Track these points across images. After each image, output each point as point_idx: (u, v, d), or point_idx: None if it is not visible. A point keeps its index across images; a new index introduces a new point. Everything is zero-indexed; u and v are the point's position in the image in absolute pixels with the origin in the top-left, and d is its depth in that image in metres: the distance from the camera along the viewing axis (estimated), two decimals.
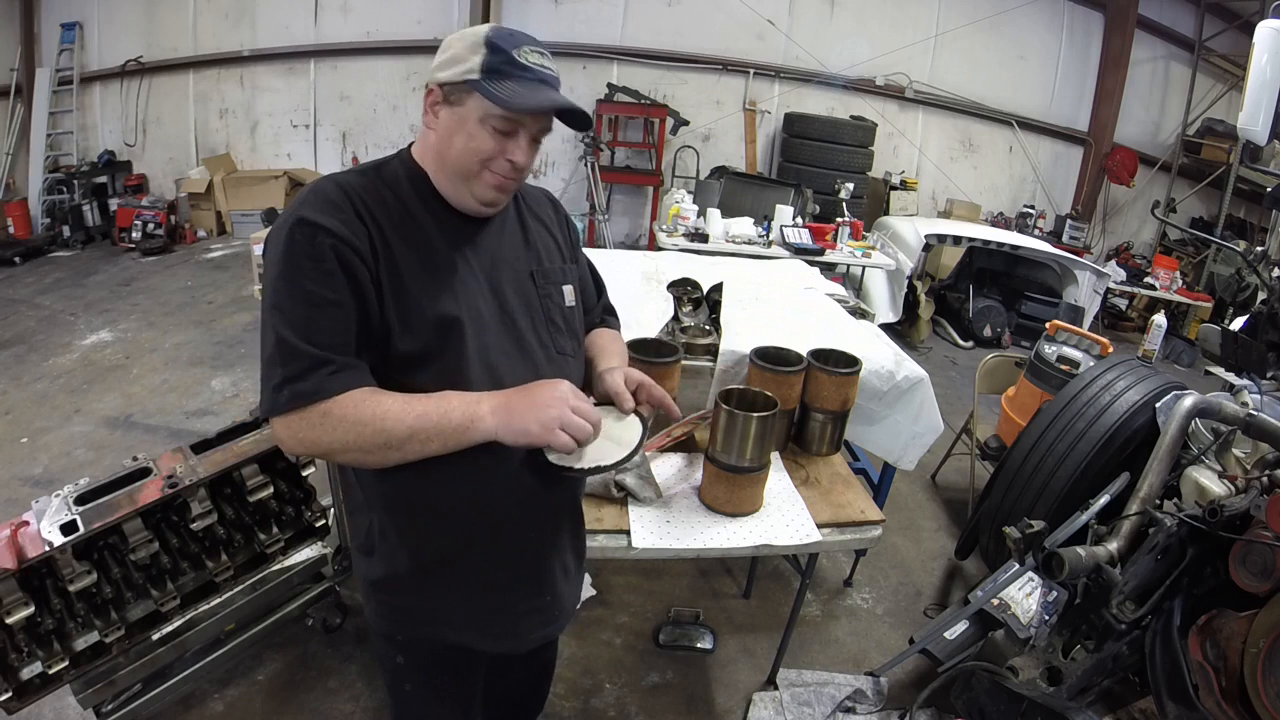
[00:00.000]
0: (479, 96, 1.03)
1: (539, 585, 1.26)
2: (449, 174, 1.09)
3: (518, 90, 1.03)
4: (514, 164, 1.08)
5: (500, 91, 1.02)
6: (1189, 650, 1.65)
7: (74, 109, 7.04)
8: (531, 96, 1.04)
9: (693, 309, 2.72)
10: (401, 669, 1.28)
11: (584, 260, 1.40)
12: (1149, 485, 1.90)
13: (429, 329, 1.06)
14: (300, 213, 1.02)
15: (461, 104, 1.06)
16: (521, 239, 1.23)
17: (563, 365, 1.21)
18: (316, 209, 1.02)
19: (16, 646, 1.67)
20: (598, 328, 1.42)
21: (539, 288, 1.21)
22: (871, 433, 2.52)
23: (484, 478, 1.12)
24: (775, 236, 5.03)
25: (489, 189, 1.09)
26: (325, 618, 2.37)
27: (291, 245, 1.00)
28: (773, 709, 2.22)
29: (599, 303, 1.46)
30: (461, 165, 1.07)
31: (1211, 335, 3.42)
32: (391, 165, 1.14)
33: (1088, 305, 5.75)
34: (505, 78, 1.03)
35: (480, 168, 1.07)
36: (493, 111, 1.03)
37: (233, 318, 5.12)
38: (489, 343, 1.11)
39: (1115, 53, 7.35)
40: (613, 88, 7.03)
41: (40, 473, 3.20)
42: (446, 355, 1.07)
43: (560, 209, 1.37)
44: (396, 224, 1.07)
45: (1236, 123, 2.81)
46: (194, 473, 1.90)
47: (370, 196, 1.06)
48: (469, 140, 1.05)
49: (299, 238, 1.00)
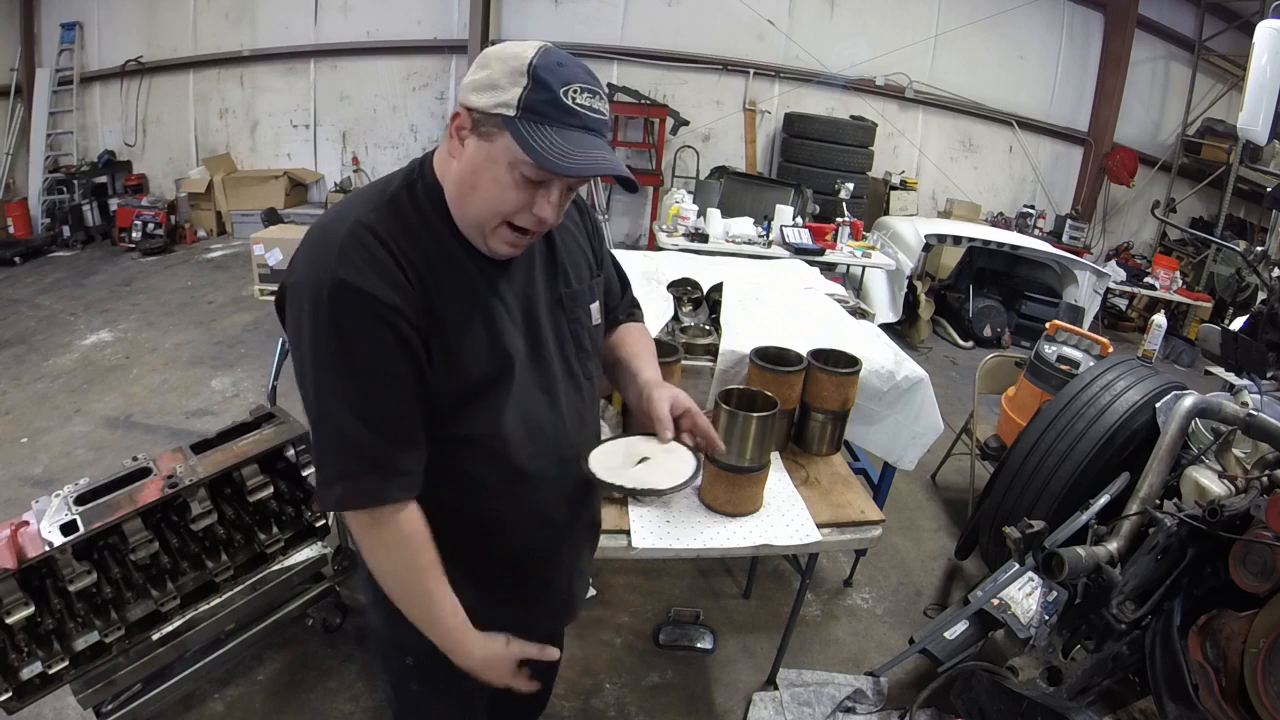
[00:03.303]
0: (511, 138, 0.90)
1: (558, 592, 1.27)
2: (466, 217, 0.98)
3: (558, 142, 0.89)
4: (541, 219, 0.96)
5: (537, 140, 0.89)
6: (1189, 650, 1.65)
7: (74, 109, 7.04)
8: (574, 153, 0.90)
9: (693, 309, 2.72)
10: (410, 670, 1.26)
11: (608, 258, 1.32)
12: (1149, 485, 1.90)
13: (474, 386, 1.01)
14: (340, 274, 0.89)
15: (491, 140, 0.92)
16: (549, 259, 1.13)
17: (590, 391, 1.19)
18: (357, 269, 0.90)
19: (16, 646, 1.67)
20: (624, 323, 1.35)
21: (567, 312, 1.14)
22: (871, 433, 2.51)
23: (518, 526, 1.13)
24: (775, 236, 5.03)
25: (504, 244, 0.99)
26: (325, 618, 2.37)
27: (336, 314, 0.90)
28: (773, 709, 2.22)
29: (624, 298, 1.38)
30: (480, 216, 0.97)
31: (1211, 335, 3.41)
32: (417, 190, 1.00)
33: (1088, 305, 5.75)
34: (546, 122, 0.90)
35: (500, 222, 0.96)
36: (525, 159, 0.90)
37: (233, 318, 5.12)
38: (524, 382, 1.06)
39: (1115, 53, 7.35)
40: (613, 88, 7.02)
41: (40, 473, 3.20)
42: (485, 406, 1.03)
43: (585, 207, 1.26)
44: (437, 272, 0.97)
45: (1236, 123, 2.81)
46: (194, 473, 1.90)
47: (408, 243, 0.95)
48: (495, 186, 0.93)
49: (343, 306, 0.90)
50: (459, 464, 1.06)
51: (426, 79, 7.44)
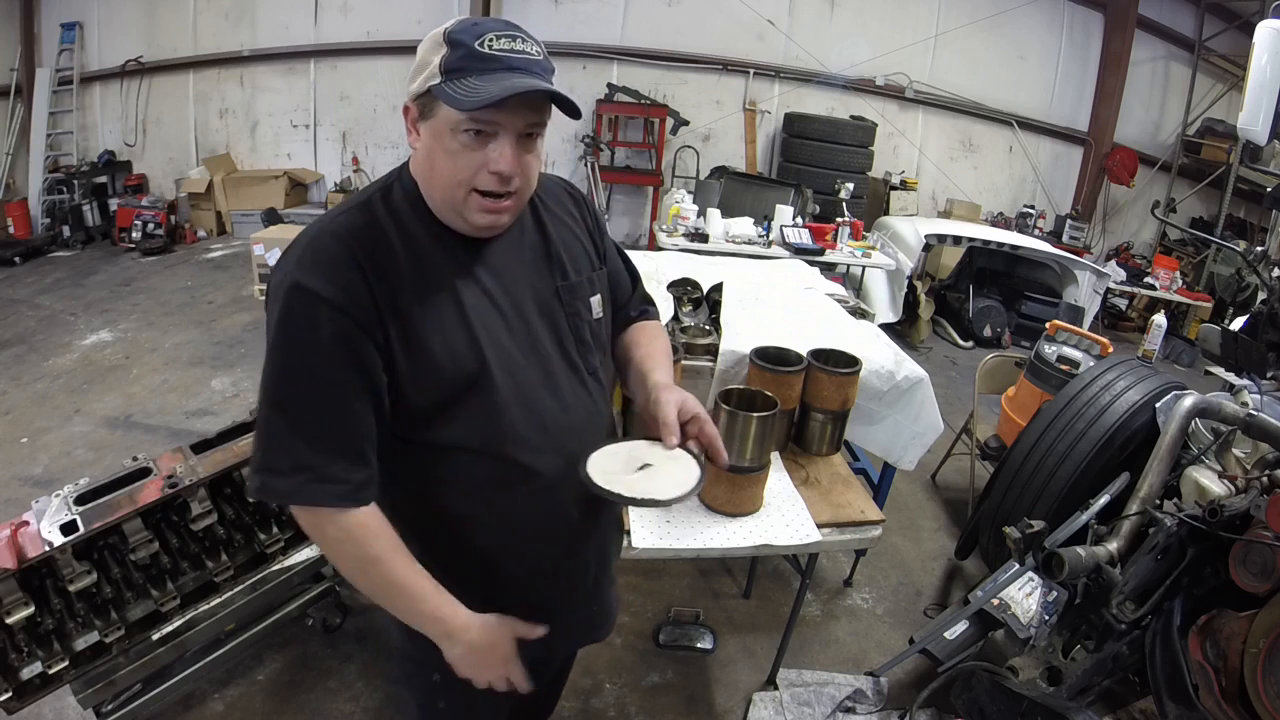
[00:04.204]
0: (444, 105, 0.91)
1: (589, 598, 1.24)
2: (437, 201, 1.00)
3: (477, 85, 0.89)
4: (499, 175, 0.94)
5: (457, 90, 0.89)
6: (1189, 650, 1.65)
7: (74, 109, 7.04)
8: (489, 88, 0.88)
9: (693, 309, 2.72)
10: (438, 686, 1.19)
11: (613, 253, 1.28)
12: (1149, 485, 1.90)
13: (452, 385, 0.99)
14: (295, 275, 0.92)
15: (434, 115, 0.94)
16: (543, 251, 1.11)
17: (596, 386, 1.15)
18: (313, 271, 0.92)
19: (16, 646, 1.67)
20: (636, 322, 1.31)
21: (565, 305, 1.11)
22: (871, 433, 2.51)
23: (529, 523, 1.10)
24: (775, 236, 5.03)
25: (480, 213, 0.98)
26: (325, 618, 2.37)
27: (288, 316, 0.92)
28: (773, 709, 2.22)
29: (635, 294, 1.33)
30: (447, 193, 0.97)
31: (1211, 335, 3.41)
32: (394, 191, 1.02)
33: (1088, 305, 5.75)
34: (466, 73, 0.90)
35: (465, 191, 0.96)
36: (456, 116, 0.91)
37: (233, 318, 5.12)
38: (523, 380, 1.04)
39: (1115, 53, 7.35)
40: (613, 88, 7.03)
41: (40, 473, 3.20)
42: (474, 406, 1.01)
43: (582, 200, 1.23)
44: (404, 271, 0.96)
45: (1236, 123, 2.81)
46: (194, 473, 1.90)
47: (372, 242, 0.96)
48: (448, 158, 0.94)
49: (296, 307, 0.92)
50: (464, 468, 1.04)
51: None
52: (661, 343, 1.29)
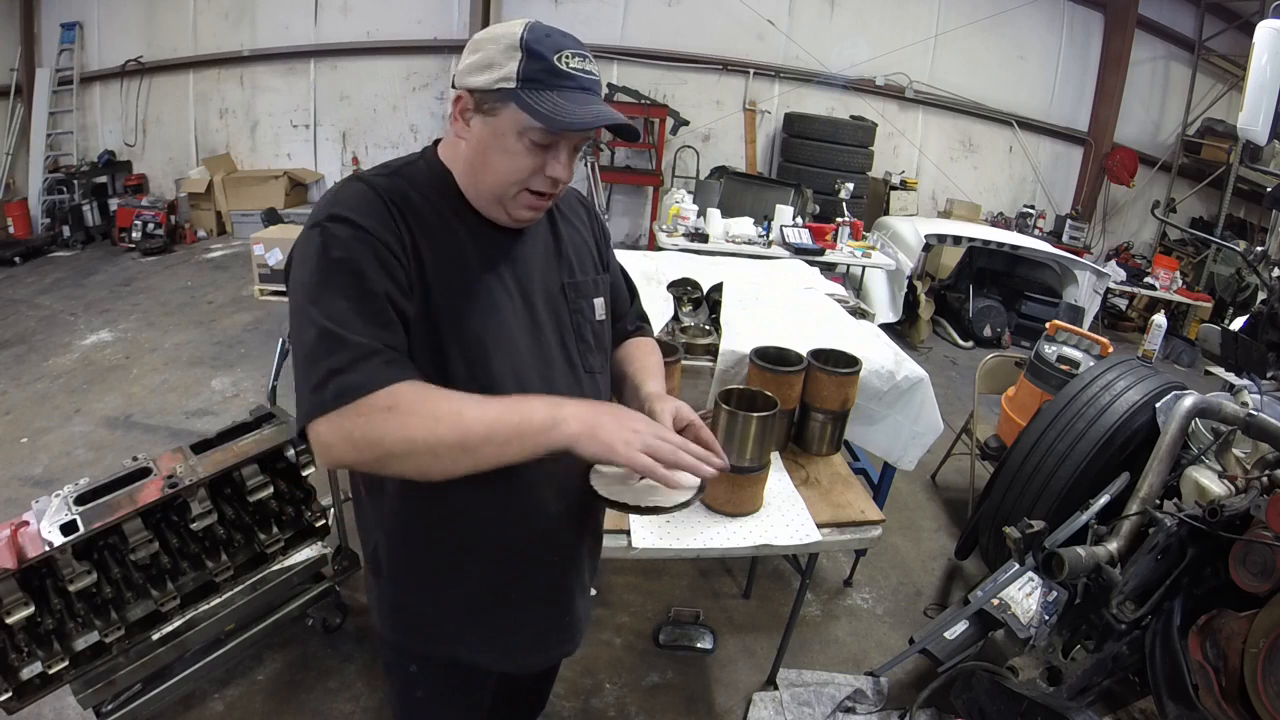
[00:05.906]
0: (515, 108, 0.95)
1: (559, 606, 1.23)
2: (483, 191, 1.03)
3: (560, 103, 0.95)
4: (555, 180, 1.01)
5: (541, 105, 0.94)
6: (1189, 650, 1.65)
7: (74, 109, 7.04)
8: (576, 111, 0.95)
9: (693, 309, 2.72)
10: (415, 677, 1.24)
11: (615, 265, 1.33)
12: (1149, 485, 1.90)
13: (457, 348, 1.00)
14: (333, 210, 0.95)
15: (496, 114, 0.98)
16: (554, 249, 1.16)
17: (592, 385, 1.16)
18: (350, 208, 0.96)
19: (16, 646, 1.67)
20: (631, 337, 1.36)
21: (570, 302, 1.15)
22: (871, 433, 2.52)
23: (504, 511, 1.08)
24: (775, 236, 5.03)
25: (525, 209, 1.03)
26: (325, 618, 2.37)
27: (327, 241, 0.93)
28: (773, 709, 2.22)
29: (632, 308, 1.38)
30: (497, 187, 1.01)
31: (1211, 335, 3.42)
32: (418, 167, 1.06)
33: (1088, 305, 5.75)
34: (545, 88, 0.95)
35: (519, 189, 1.01)
36: (532, 125, 0.96)
37: (233, 318, 5.12)
38: (522, 362, 1.06)
39: (1115, 53, 7.35)
40: (613, 88, 7.03)
41: (40, 473, 3.20)
42: (474, 377, 1.01)
43: (593, 211, 1.30)
44: (429, 232, 1.00)
45: (1236, 123, 2.81)
46: (194, 473, 1.90)
47: (401, 197, 0.99)
48: (506, 156, 0.98)
49: (335, 233, 0.94)
50: None
51: (426, 79, 7.45)
52: (655, 358, 1.32)
